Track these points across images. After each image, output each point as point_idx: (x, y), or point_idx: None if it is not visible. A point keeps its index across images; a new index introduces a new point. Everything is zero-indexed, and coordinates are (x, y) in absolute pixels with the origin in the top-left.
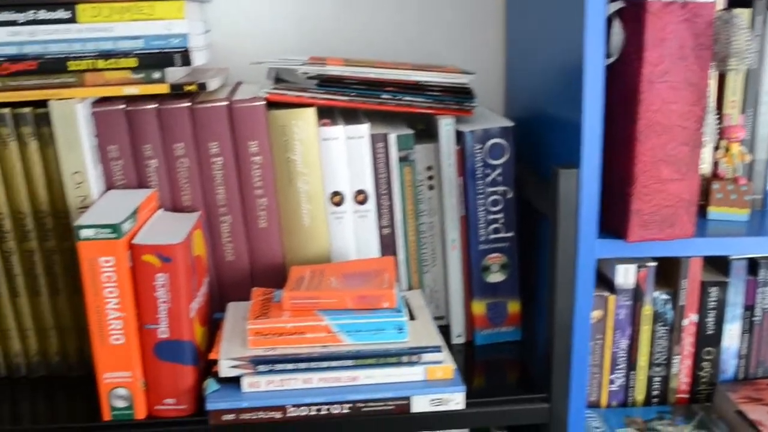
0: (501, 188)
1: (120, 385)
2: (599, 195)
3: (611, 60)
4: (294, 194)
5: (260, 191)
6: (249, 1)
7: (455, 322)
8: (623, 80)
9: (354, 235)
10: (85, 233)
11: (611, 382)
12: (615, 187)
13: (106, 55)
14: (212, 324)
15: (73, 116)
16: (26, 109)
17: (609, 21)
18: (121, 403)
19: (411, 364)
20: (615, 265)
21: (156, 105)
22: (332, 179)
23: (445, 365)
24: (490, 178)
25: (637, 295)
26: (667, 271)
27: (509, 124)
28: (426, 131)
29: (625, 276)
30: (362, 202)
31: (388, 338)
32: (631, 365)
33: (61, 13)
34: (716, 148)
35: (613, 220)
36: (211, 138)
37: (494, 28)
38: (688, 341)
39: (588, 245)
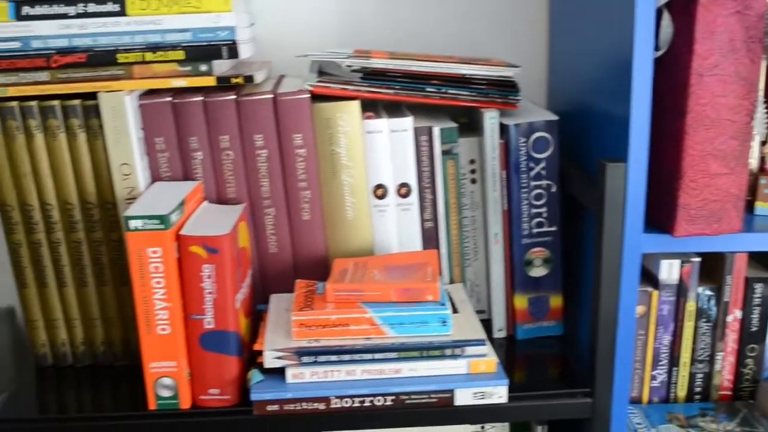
0: (545, 182)
1: (166, 374)
2: (645, 189)
3: (660, 53)
4: (338, 187)
5: (304, 184)
6: None
7: (497, 316)
8: (672, 73)
9: (396, 228)
10: (133, 224)
11: (653, 378)
12: (661, 181)
13: (155, 47)
14: (255, 315)
15: (122, 108)
16: (75, 102)
17: (658, 13)
18: (166, 393)
19: (454, 357)
20: (659, 260)
21: (202, 97)
22: (375, 172)
23: (489, 359)
24: (534, 172)
25: (680, 290)
26: (712, 267)
27: (554, 117)
28: (469, 125)
29: (669, 271)
30: (405, 196)
31: (431, 331)
32: (674, 361)
33: (111, 6)
34: (764, 142)
35: (659, 215)
36: (256, 130)
37: (537, 20)
38: (731, 338)
39: (633, 240)
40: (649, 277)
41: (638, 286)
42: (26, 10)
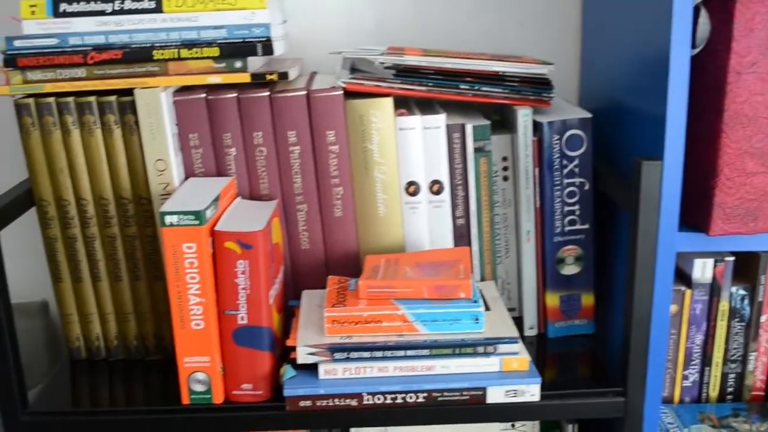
0: (578, 180)
1: (199, 369)
2: (681, 188)
3: (697, 51)
4: (370, 184)
5: (336, 180)
6: None
7: (528, 314)
8: (708, 71)
9: (428, 225)
10: (169, 219)
11: (685, 377)
12: (697, 180)
13: (190, 44)
14: (287, 310)
15: (158, 104)
16: (111, 98)
17: (696, 11)
18: (199, 387)
19: (487, 354)
20: (692, 259)
21: (236, 94)
22: (408, 169)
23: (521, 356)
24: (567, 170)
25: (713, 290)
26: (745, 266)
27: (587, 115)
28: (501, 122)
29: (703, 270)
30: (437, 193)
31: (464, 328)
32: (706, 361)
33: (147, 3)
34: None
35: (694, 213)
36: (289, 127)
37: (570, 17)
38: (765, 338)
39: (668, 239)
40: (681, 275)
41: (672, 285)
42: (64, 6)
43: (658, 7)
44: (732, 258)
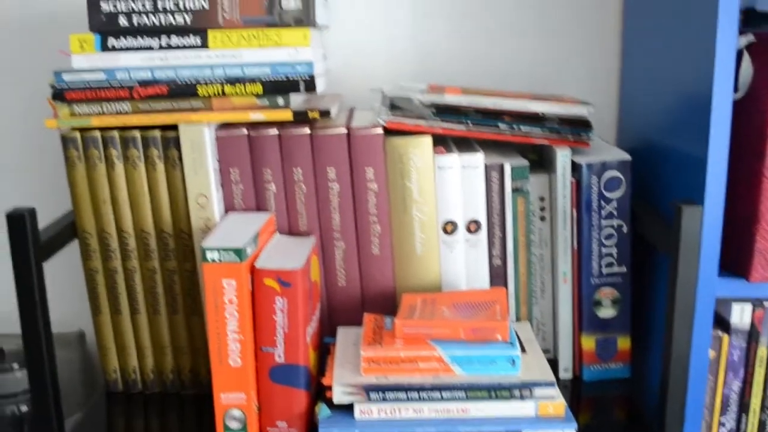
0: (616, 222)
1: (235, 406)
2: (721, 232)
3: (739, 95)
4: (408, 222)
5: (374, 218)
6: (364, 28)
7: (563, 356)
8: (750, 115)
9: (465, 264)
10: (210, 255)
11: (722, 424)
12: (737, 224)
13: (234, 80)
14: (322, 347)
15: (201, 140)
16: (155, 132)
17: (739, 55)
18: (235, 425)
19: (523, 398)
20: (730, 304)
21: (277, 131)
22: (445, 208)
23: (557, 401)
24: (605, 211)
25: (752, 335)
26: None
27: (627, 157)
28: (538, 161)
29: (741, 316)
30: (474, 232)
31: (500, 371)
32: (743, 408)
33: (193, 40)
34: None
35: (734, 258)
36: (329, 164)
37: (609, 57)
38: None
39: (708, 284)
40: (719, 320)
41: (711, 331)
42: (112, 42)
43: (700, 51)
44: None
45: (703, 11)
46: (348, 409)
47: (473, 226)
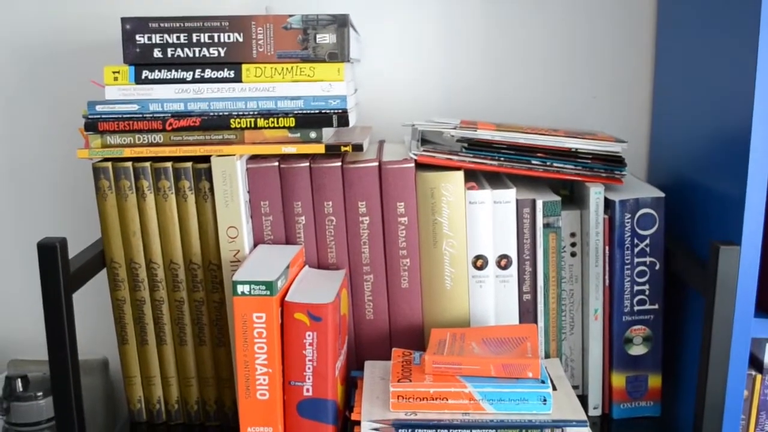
0: (648, 259)
1: None
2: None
3: None
4: (438, 256)
5: (404, 252)
6: (395, 62)
7: (593, 394)
8: None
9: (494, 299)
10: (241, 289)
11: None
12: None
13: (267, 114)
14: (350, 381)
15: (233, 172)
16: (187, 164)
17: None
18: None
19: None
20: (764, 344)
21: (308, 163)
22: (476, 243)
23: None
24: (638, 249)
25: None
26: None
27: (660, 194)
28: (570, 197)
29: None
30: (505, 267)
31: (531, 409)
32: None
33: (227, 73)
34: None
35: None
36: (360, 197)
37: (641, 93)
38: None
39: (744, 324)
40: (752, 360)
41: (746, 371)
42: (146, 74)
43: (738, 87)
44: None
45: (743, 47)
46: None
47: (504, 262)
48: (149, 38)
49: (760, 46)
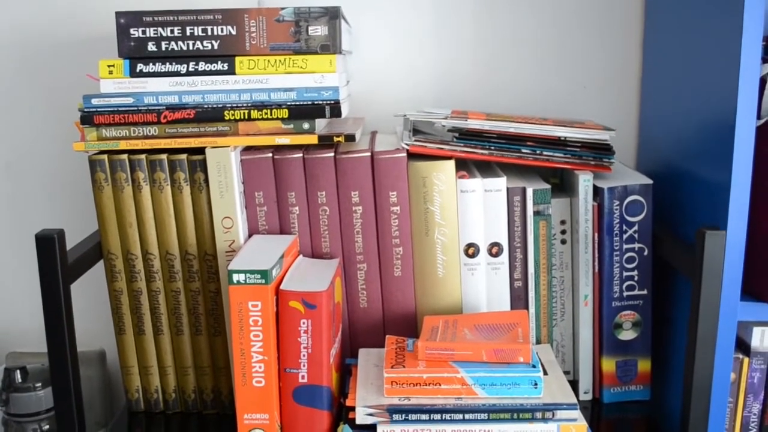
0: (637, 245)
1: (258, 426)
2: (743, 257)
3: (762, 122)
4: (430, 245)
5: (397, 240)
6: (386, 53)
7: (583, 378)
8: None
9: (486, 287)
10: (236, 278)
11: None
12: (759, 249)
13: (260, 105)
14: (344, 368)
15: (228, 163)
16: (182, 156)
17: (762, 83)
18: None
19: (545, 420)
20: (751, 327)
21: (301, 154)
22: (467, 231)
23: (579, 423)
24: (626, 235)
25: None
26: None
27: (648, 181)
28: (560, 185)
29: (762, 339)
30: (496, 255)
31: (522, 393)
32: (763, 430)
33: (220, 65)
34: None
35: (757, 283)
36: (352, 187)
37: (629, 83)
38: None
39: (730, 308)
40: (739, 343)
41: (733, 354)
42: (140, 67)
43: (724, 79)
44: None
45: (727, 39)
46: (370, 429)
47: (495, 249)
48: (143, 32)
49: (743, 37)
